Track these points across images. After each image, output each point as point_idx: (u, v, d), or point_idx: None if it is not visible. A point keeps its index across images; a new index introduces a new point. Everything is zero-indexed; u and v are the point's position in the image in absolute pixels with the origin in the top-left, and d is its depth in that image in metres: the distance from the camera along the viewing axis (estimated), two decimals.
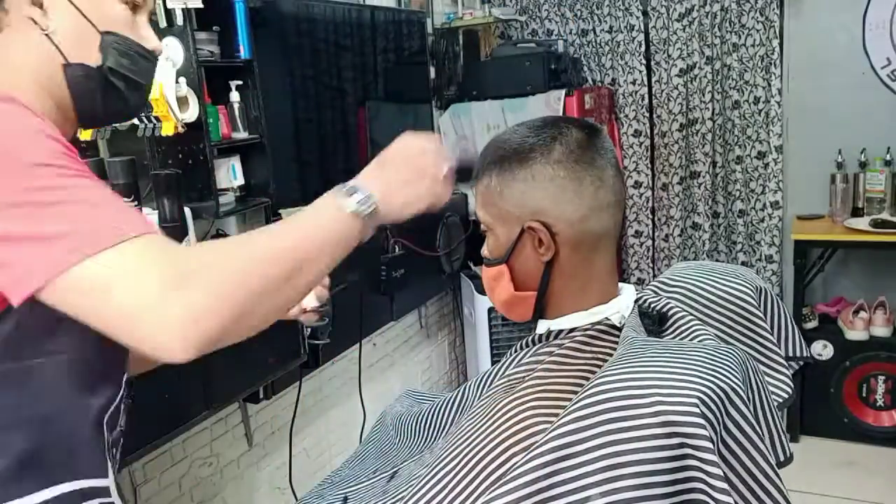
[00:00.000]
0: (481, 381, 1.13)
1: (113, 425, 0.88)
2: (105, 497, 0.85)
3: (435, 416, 1.19)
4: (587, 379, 0.83)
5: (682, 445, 0.71)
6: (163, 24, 1.71)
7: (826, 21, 3.07)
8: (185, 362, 0.69)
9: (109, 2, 0.87)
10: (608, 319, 0.96)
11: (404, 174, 0.90)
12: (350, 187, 0.85)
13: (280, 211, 2.05)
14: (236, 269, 0.72)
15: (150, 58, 0.92)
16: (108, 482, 0.86)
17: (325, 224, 0.83)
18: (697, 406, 0.71)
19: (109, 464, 0.87)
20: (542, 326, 1.00)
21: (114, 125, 1.63)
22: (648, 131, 3.36)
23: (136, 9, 0.90)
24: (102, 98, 0.88)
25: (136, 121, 1.62)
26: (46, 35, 0.83)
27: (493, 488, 0.75)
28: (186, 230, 1.73)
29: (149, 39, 0.91)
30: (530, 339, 1.01)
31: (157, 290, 0.67)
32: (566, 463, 0.73)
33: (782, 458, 0.92)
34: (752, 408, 0.79)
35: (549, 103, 2.95)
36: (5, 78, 0.83)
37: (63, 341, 0.78)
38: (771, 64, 3.09)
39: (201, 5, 1.75)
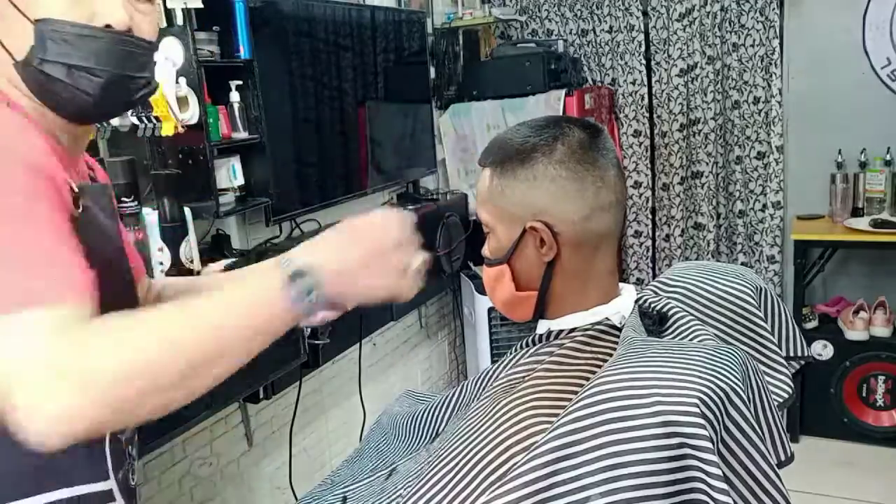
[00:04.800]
0: (479, 379, 1.13)
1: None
2: (107, 502, 0.84)
3: (432, 415, 1.19)
4: (587, 379, 0.83)
5: (681, 445, 0.71)
6: (163, 24, 1.70)
7: (826, 21, 3.07)
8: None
9: None
10: (608, 319, 0.96)
11: (367, 257, 0.77)
12: (296, 270, 0.73)
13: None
14: (125, 369, 0.65)
15: (104, 36, 0.77)
16: (109, 485, 0.84)
17: (251, 314, 0.72)
18: (697, 406, 0.71)
19: (111, 466, 0.85)
20: (543, 326, 1.00)
21: (112, 124, 1.62)
22: (648, 131, 3.36)
23: None
24: (62, 92, 0.77)
25: (135, 121, 1.62)
26: None
27: (493, 488, 0.75)
28: (186, 230, 1.73)
29: (104, 15, 0.77)
30: (530, 339, 1.01)
31: (38, 378, 0.63)
32: (566, 463, 0.73)
33: (783, 458, 0.92)
34: (752, 408, 0.79)
35: (549, 103, 2.95)
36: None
37: None
38: (771, 64, 3.09)
39: (201, 5, 1.74)
